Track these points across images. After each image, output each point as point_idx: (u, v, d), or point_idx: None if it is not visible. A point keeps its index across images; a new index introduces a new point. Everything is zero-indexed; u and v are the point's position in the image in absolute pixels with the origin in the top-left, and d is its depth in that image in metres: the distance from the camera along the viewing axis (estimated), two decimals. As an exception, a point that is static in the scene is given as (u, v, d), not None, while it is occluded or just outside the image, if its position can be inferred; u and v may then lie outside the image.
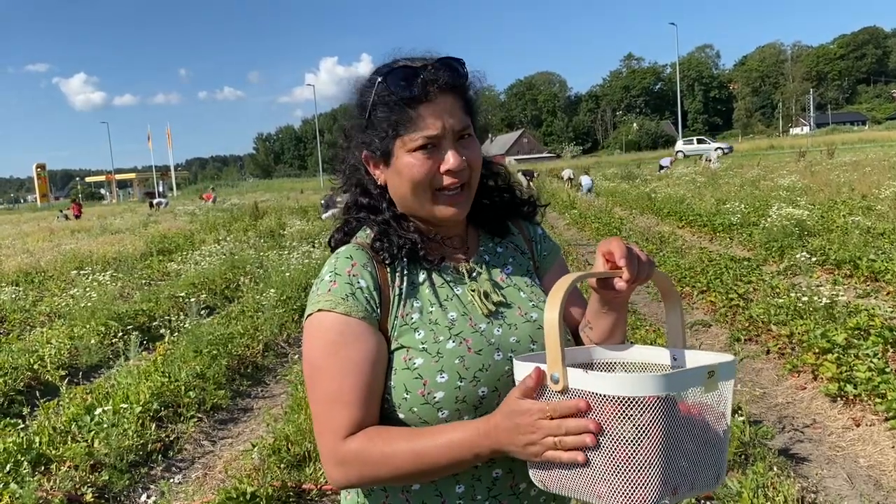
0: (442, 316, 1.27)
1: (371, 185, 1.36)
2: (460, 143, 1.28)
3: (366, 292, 1.25)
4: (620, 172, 34.98)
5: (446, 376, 1.21)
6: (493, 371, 1.23)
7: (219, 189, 62.93)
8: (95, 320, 8.06)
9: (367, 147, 1.31)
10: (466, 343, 1.24)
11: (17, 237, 22.07)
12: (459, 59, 1.33)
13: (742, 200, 15.37)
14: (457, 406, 1.21)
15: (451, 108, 1.27)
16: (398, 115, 1.25)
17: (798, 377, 5.35)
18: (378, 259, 1.29)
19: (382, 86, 1.27)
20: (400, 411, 1.23)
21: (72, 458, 4.45)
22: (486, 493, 1.25)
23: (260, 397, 6.19)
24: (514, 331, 1.30)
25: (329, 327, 1.23)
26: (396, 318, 1.26)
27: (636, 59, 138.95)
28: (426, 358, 1.23)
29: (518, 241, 1.47)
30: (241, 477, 3.85)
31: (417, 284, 1.31)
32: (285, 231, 18.51)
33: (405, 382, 1.22)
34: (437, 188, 1.27)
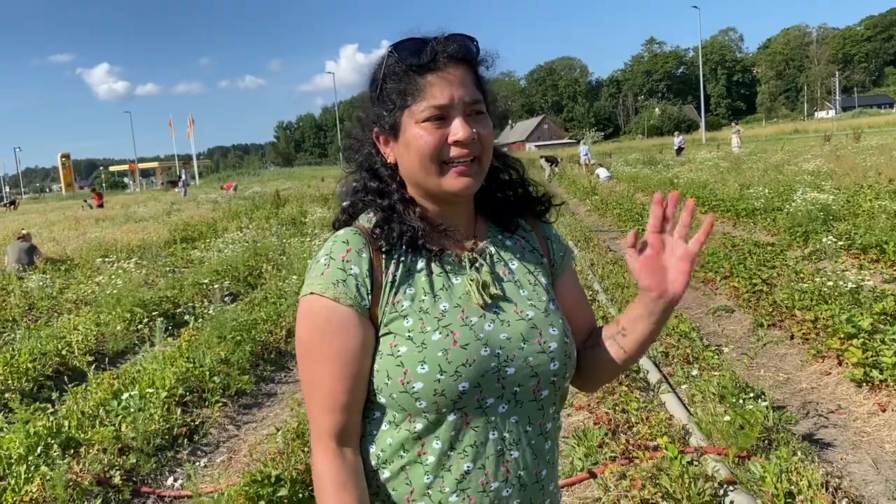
0: (433, 306, 1.26)
1: (381, 167, 1.34)
2: (471, 117, 1.25)
3: (358, 279, 1.24)
4: (642, 158, 34.66)
5: (427, 367, 1.20)
6: (477, 367, 1.21)
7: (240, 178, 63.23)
8: (121, 307, 8.16)
9: (377, 122, 1.31)
10: (453, 336, 1.22)
11: (43, 226, 22.33)
12: (471, 36, 1.31)
13: (766, 185, 15.19)
14: (435, 399, 1.20)
15: (460, 79, 1.25)
16: (406, 85, 1.25)
17: (822, 362, 5.30)
18: (375, 245, 1.28)
19: (393, 57, 1.27)
20: (381, 395, 1.24)
21: (100, 442, 4.53)
22: (454, 486, 1.24)
23: (283, 382, 6.25)
24: (507, 327, 1.27)
25: (318, 311, 1.24)
26: (387, 304, 1.25)
27: (658, 44, 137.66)
28: (410, 347, 1.22)
29: (531, 237, 1.44)
30: (266, 460, 3.90)
31: (414, 272, 1.29)
32: (307, 219, 18.58)
33: (388, 368, 1.22)
34: (444, 160, 1.25)
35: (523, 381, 1.25)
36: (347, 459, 1.24)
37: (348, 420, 1.25)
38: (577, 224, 13.90)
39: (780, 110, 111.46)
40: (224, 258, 11.52)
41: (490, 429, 1.24)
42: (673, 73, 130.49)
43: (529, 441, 1.28)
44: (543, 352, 1.27)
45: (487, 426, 1.24)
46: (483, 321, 1.26)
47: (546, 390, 1.28)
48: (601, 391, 4.74)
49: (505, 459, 1.25)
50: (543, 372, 1.27)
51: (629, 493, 3.39)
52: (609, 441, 4.05)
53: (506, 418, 1.25)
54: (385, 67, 1.27)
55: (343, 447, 1.25)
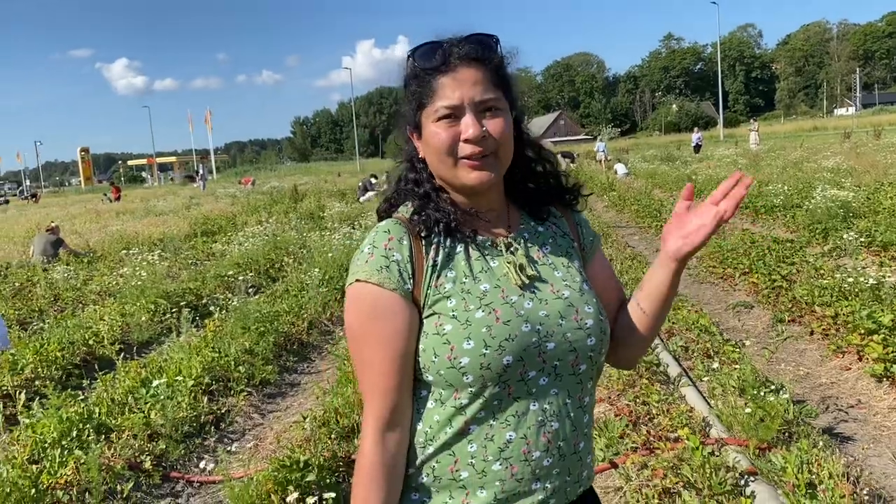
0: (474, 286, 1.32)
1: (416, 159, 1.43)
2: (485, 114, 1.32)
3: (400, 265, 1.31)
4: (660, 154, 34.54)
5: (472, 343, 1.26)
6: (519, 342, 1.28)
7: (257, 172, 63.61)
8: (145, 298, 8.29)
9: (406, 120, 1.40)
10: (495, 313, 1.29)
11: (65, 219, 22.58)
12: (491, 34, 1.38)
13: (785, 182, 15.13)
14: (481, 372, 1.26)
15: (473, 79, 1.31)
16: (422, 87, 1.34)
17: (842, 358, 5.32)
18: (414, 232, 1.35)
19: (411, 61, 1.36)
20: (428, 373, 1.30)
21: (130, 428, 4.64)
22: (497, 454, 1.30)
23: (306, 373, 6.35)
24: (545, 305, 1.34)
25: (364, 297, 1.32)
26: (430, 287, 1.32)
27: (676, 39, 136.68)
28: (455, 325, 1.28)
29: (562, 224, 1.51)
30: (293, 447, 3.99)
31: (454, 256, 1.35)
32: (325, 213, 18.71)
33: (434, 347, 1.29)
34: (459, 157, 1.32)
35: (562, 355, 1.32)
36: (388, 448, 1.31)
37: (397, 401, 1.31)
38: (594, 220, 13.90)
39: (800, 107, 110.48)
40: (245, 251, 11.65)
41: (531, 400, 1.30)
42: (691, 70, 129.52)
43: (568, 413, 1.34)
44: (580, 328, 1.34)
45: (529, 398, 1.30)
46: (522, 300, 1.32)
47: (584, 364, 1.35)
48: (621, 384, 4.80)
49: (546, 430, 1.31)
50: (581, 347, 1.33)
51: (651, 483, 3.45)
52: (630, 432, 4.10)
53: (546, 390, 1.31)
54: (407, 70, 1.37)
55: (388, 432, 1.31)
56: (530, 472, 1.30)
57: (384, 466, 1.31)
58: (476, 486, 1.30)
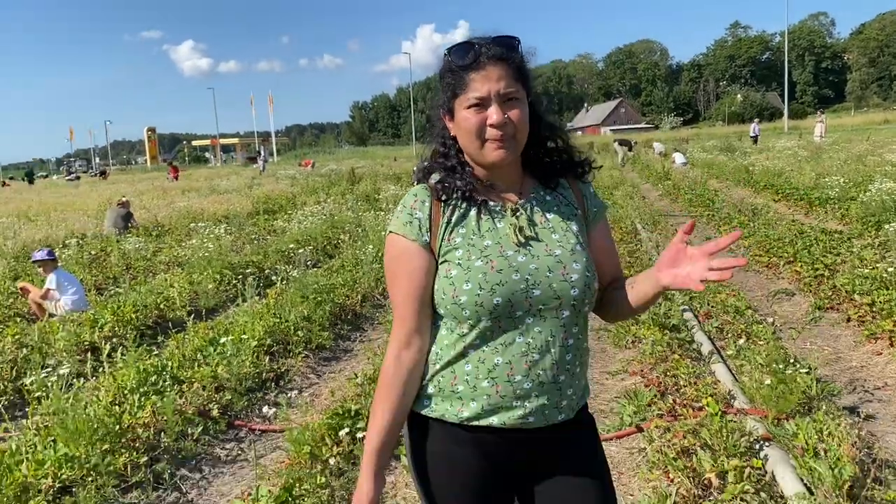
0: (479, 241, 1.65)
1: (447, 138, 1.76)
2: (507, 104, 1.62)
3: (420, 221, 1.67)
4: (720, 145, 34.07)
5: (470, 285, 1.60)
6: (509, 287, 1.60)
7: (316, 155, 64.82)
8: (212, 268, 8.85)
9: (441, 106, 1.74)
10: (491, 263, 1.61)
11: (133, 195, 23.58)
12: (514, 36, 1.71)
13: (844, 175, 14.94)
14: (476, 309, 1.60)
15: (498, 75, 1.62)
16: (457, 80, 1.66)
17: (875, 343, 5.48)
18: (436, 196, 1.69)
19: (447, 58, 1.69)
20: (440, 308, 1.66)
21: (199, 380, 5.12)
22: (486, 374, 1.63)
23: (359, 341, 6.77)
24: (536, 260, 1.64)
25: (392, 244, 1.70)
26: (444, 240, 1.66)
27: (743, 28, 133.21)
28: (459, 270, 1.62)
29: (568, 194, 1.79)
30: (346, 400, 4.39)
31: (466, 216, 1.68)
32: (380, 195, 19.19)
33: (443, 287, 1.64)
34: (485, 139, 1.63)
35: (547, 301, 1.64)
36: (403, 363, 1.67)
37: (412, 327, 1.68)
38: (646, 207, 14.02)
39: (872, 99, 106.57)
40: (304, 229, 12.17)
41: (518, 334, 1.64)
42: (757, 59, 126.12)
43: (549, 349, 1.65)
44: (566, 280, 1.65)
45: (515, 332, 1.64)
46: (517, 254, 1.65)
47: (567, 311, 1.66)
48: (654, 358, 5.07)
49: (528, 359, 1.64)
50: (565, 296, 1.65)
51: (671, 443, 3.74)
52: (658, 401, 4.39)
53: (531, 328, 1.64)
54: (444, 65, 1.70)
55: (404, 350, 1.68)
56: (512, 391, 1.63)
57: (399, 377, 1.68)
58: (469, 398, 1.65)
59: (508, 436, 1.67)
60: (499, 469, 1.72)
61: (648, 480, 3.56)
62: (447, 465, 1.71)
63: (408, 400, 1.70)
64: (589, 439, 1.79)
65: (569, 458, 1.73)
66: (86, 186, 37.09)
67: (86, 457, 3.88)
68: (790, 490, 3.23)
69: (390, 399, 1.67)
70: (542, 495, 1.74)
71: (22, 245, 12.40)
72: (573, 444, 1.74)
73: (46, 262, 7.69)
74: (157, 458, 4.26)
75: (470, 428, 1.67)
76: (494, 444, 1.68)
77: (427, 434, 1.72)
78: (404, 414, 1.71)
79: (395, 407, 1.68)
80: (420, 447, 1.74)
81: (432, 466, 1.72)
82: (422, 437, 1.74)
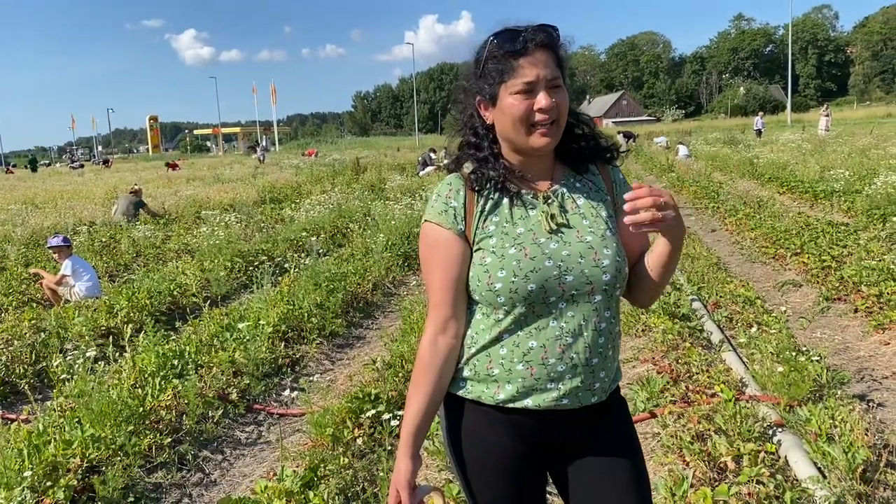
0: (512, 229, 1.69)
1: (480, 127, 1.79)
2: (552, 90, 1.65)
3: (455, 210, 1.71)
4: (723, 137, 34.07)
5: (504, 272, 1.65)
6: (542, 273, 1.64)
7: (318, 145, 64.85)
8: (223, 256, 8.93)
9: (480, 93, 1.75)
10: (525, 251, 1.66)
11: (139, 183, 23.64)
12: (554, 25, 1.75)
13: (848, 168, 15.00)
14: (510, 295, 1.64)
15: (545, 61, 1.65)
16: (504, 66, 1.66)
17: (882, 333, 5.55)
18: (470, 186, 1.73)
19: (494, 43, 1.69)
20: (475, 294, 1.71)
21: (218, 365, 5.20)
22: (521, 357, 1.68)
23: (371, 328, 6.86)
24: (568, 246, 1.68)
25: (428, 233, 1.75)
26: (478, 228, 1.71)
27: (746, 20, 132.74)
28: (493, 258, 1.67)
29: (598, 181, 1.82)
30: (364, 384, 4.47)
31: (499, 205, 1.72)
32: (386, 185, 19.26)
33: (478, 274, 1.69)
34: (531, 123, 1.66)
35: (579, 286, 1.69)
36: (439, 348, 1.73)
37: (448, 314, 1.74)
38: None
39: (875, 93, 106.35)
40: (312, 218, 12.24)
41: (552, 319, 1.69)
42: (761, 52, 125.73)
43: (582, 332, 1.70)
44: (597, 266, 1.70)
45: (549, 317, 1.69)
46: (549, 241, 1.70)
47: (599, 296, 1.71)
48: (665, 346, 5.15)
49: (561, 343, 1.69)
50: (597, 281, 1.70)
51: (686, 427, 3.82)
52: (670, 388, 4.46)
53: (564, 312, 1.69)
54: (487, 51, 1.71)
55: (440, 336, 1.74)
56: (546, 374, 1.69)
57: (435, 362, 1.74)
58: (504, 380, 1.71)
59: (542, 417, 1.72)
60: (532, 449, 1.77)
61: (664, 464, 3.64)
62: (482, 445, 1.77)
63: (443, 384, 1.76)
64: (621, 420, 1.84)
65: (601, 438, 1.78)
66: (90, 174, 37.13)
67: (112, 438, 3.97)
68: (803, 473, 3.31)
69: (427, 383, 1.73)
70: (575, 474, 1.79)
71: (31, 232, 12.48)
72: (605, 426, 1.79)
73: (62, 248, 7.77)
74: (179, 439, 4.34)
75: (505, 409, 1.72)
76: (528, 425, 1.73)
77: (462, 415, 1.78)
78: (440, 398, 1.77)
79: (431, 391, 1.73)
80: (456, 428, 1.80)
81: (467, 446, 1.79)
82: (457, 418, 1.80)
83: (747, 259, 8.78)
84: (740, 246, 9.54)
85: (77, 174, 38.64)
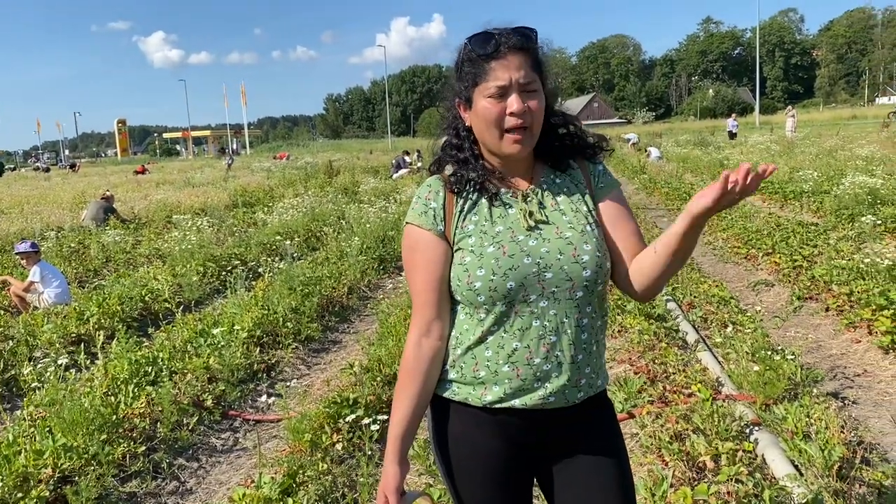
0: (490, 228, 1.69)
1: (461, 128, 1.79)
2: (525, 93, 1.64)
3: (435, 211, 1.72)
4: (693, 139, 34.47)
5: (483, 271, 1.65)
6: (520, 271, 1.64)
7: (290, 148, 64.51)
8: (195, 261, 8.81)
9: (458, 95, 1.76)
10: (503, 248, 1.65)
11: (107, 188, 23.31)
12: (532, 27, 1.74)
13: (817, 169, 15.24)
14: (490, 293, 1.64)
15: (518, 64, 1.64)
16: (477, 69, 1.67)
17: (854, 332, 5.63)
18: (449, 187, 1.74)
19: (468, 47, 1.71)
20: (456, 294, 1.71)
21: (192, 371, 5.13)
22: (506, 359, 1.67)
23: (347, 332, 6.81)
24: (547, 243, 1.67)
25: (409, 234, 1.76)
26: (457, 228, 1.71)
27: (715, 23, 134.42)
28: (472, 257, 1.67)
29: (577, 175, 1.80)
30: (342, 389, 4.43)
31: (478, 205, 1.73)
32: (359, 188, 19.18)
33: (458, 274, 1.69)
34: (504, 128, 1.65)
35: (560, 283, 1.68)
36: (423, 351, 1.73)
37: (431, 315, 1.73)
38: (624, 201, 14.15)
39: (840, 95, 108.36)
40: (285, 221, 12.14)
41: (533, 318, 1.68)
42: (729, 54, 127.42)
43: (565, 330, 1.69)
44: (577, 262, 1.68)
45: (531, 316, 1.68)
46: (528, 238, 1.69)
47: (580, 292, 1.69)
48: (641, 346, 5.17)
49: (545, 342, 1.68)
50: (577, 277, 1.68)
51: (664, 427, 3.83)
52: (647, 388, 4.48)
53: (546, 310, 1.68)
54: (463, 54, 1.73)
55: (424, 338, 1.73)
56: (532, 374, 1.68)
57: (420, 365, 1.73)
58: (491, 382, 1.70)
59: (529, 416, 1.71)
60: (519, 449, 1.76)
61: (643, 464, 3.65)
62: (470, 448, 1.76)
63: (429, 387, 1.75)
64: (607, 420, 1.83)
65: (587, 438, 1.77)
66: (57, 179, 36.49)
67: (84, 447, 3.89)
68: (781, 471, 3.34)
69: (412, 387, 1.72)
70: (561, 474, 1.78)
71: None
72: (591, 425, 1.78)
73: (30, 254, 7.62)
74: (154, 447, 4.27)
75: (492, 410, 1.71)
76: (516, 425, 1.72)
77: (449, 417, 1.78)
78: (426, 400, 1.76)
79: (417, 394, 1.73)
80: (442, 429, 1.79)
81: (454, 448, 1.78)
82: (444, 420, 1.79)
83: (720, 259, 8.88)
84: (713, 246, 9.64)
85: (44, 178, 37.97)
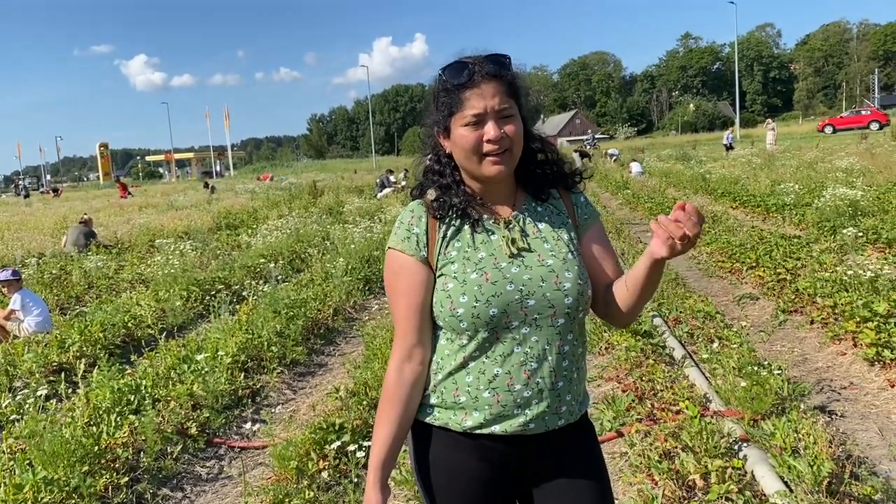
0: (473, 254, 1.70)
1: (442, 155, 1.80)
2: (502, 120, 1.66)
3: (418, 237, 1.72)
4: (675, 154, 34.74)
5: (466, 297, 1.65)
6: (503, 298, 1.64)
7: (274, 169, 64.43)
8: (178, 286, 8.73)
9: (437, 124, 1.77)
10: (486, 275, 1.66)
11: (90, 212, 23.12)
12: (505, 54, 1.76)
13: (797, 181, 15.37)
14: (472, 320, 1.64)
15: (493, 92, 1.65)
16: (452, 98, 1.69)
17: (839, 344, 5.65)
18: (432, 213, 1.74)
19: (442, 77, 1.73)
20: (439, 320, 1.71)
21: (176, 398, 5.05)
22: (487, 385, 1.67)
23: (332, 355, 6.75)
24: (529, 270, 1.68)
25: (392, 259, 1.75)
26: (440, 254, 1.71)
27: (694, 38, 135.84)
28: (455, 283, 1.67)
29: (559, 204, 1.82)
30: (328, 414, 4.38)
31: (461, 230, 1.73)
32: (344, 208, 19.15)
33: (441, 300, 1.69)
34: (483, 154, 1.67)
35: (542, 310, 1.68)
36: (405, 376, 1.72)
37: (413, 341, 1.73)
38: (608, 216, 14.22)
39: (818, 108, 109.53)
40: (269, 244, 12.08)
41: (515, 344, 1.68)
42: (708, 69, 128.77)
43: (546, 357, 1.69)
44: (559, 289, 1.69)
45: (513, 342, 1.68)
46: (510, 266, 1.70)
47: (562, 319, 1.70)
48: (629, 364, 5.16)
49: (526, 368, 1.68)
50: (559, 304, 1.68)
51: (653, 446, 3.81)
52: (636, 406, 4.47)
53: (528, 337, 1.68)
54: (439, 84, 1.75)
55: (405, 364, 1.73)
56: (512, 400, 1.68)
57: (402, 390, 1.73)
58: (471, 408, 1.69)
59: (509, 441, 1.71)
60: (499, 474, 1.76)
61: (632, 484, 3.62)
62: (449, 472, 1.75)
63: (411, 412, 1.74)
64: (588, 443, 1.83)
65: (568, 462, 1.77)
66: (39, 204, 36.22)
67: (65, 479, 3.81)
68: (770, 488, 3.32)
69: (394, 412, 1.72)
70: (542, 497, 1.78)
71: (-23, 266, 12.06)
72: (572, 449, 1.78)
73: (10, 282, 7.52)
74: (137, 478, 4.20)
75: (472, 436, 1.71)
76: (495, 450, 1.72)
77: (430, 441, 1.77)
78: (408, 426, 1.75)
79: (398, 419, 1.72)
80: (423, 454, 1.78)
81: (435, 473, 1.77)
82: (425, 445, 1.78)
83: (705, 274, 8.90)
84: (697, 261, 9.67)
85: (25, 204, 37.65)
